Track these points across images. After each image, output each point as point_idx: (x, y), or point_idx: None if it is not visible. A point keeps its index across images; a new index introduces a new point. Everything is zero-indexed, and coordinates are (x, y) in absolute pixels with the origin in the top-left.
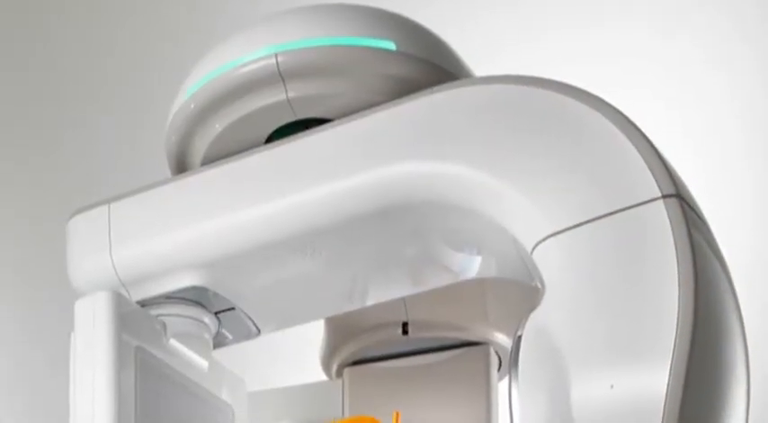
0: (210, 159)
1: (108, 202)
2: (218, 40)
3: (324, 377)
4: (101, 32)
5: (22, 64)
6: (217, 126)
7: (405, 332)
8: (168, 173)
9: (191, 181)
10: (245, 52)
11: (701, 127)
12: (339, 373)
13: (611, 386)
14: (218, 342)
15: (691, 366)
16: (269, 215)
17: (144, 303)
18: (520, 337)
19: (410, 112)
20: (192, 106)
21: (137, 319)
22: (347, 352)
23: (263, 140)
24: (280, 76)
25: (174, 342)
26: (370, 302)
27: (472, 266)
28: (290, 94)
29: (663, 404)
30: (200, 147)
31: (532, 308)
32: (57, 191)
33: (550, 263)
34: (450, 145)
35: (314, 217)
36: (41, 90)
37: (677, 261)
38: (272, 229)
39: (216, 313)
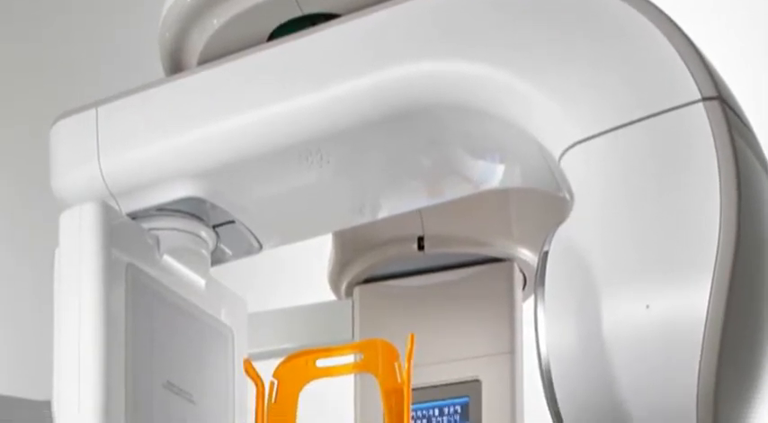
0: (208, 58)
1: (95, 105)
2: None
3: (332, 297)
4: None
5: None
6: (215, 22)
7: (420, 247)
8: (162, 73)
9: (186, 82)
10: None
11: (744, 22)
12: (349, 293)
13: (647, 306)
14: (217, 258)
15: (733, 284)
16: (271, 119)
17: (135, 216)
18: (546, 252)
19: (427, 7)
20: (188, 0)
21: (127, 232)
22: (358, 269)
23: (266, 38)
24: None
25: (168, 258)
26: (382, 215)
27: (494, 175)
28: None
29: (703, 325)
30: (196, 45)
31: (560, 221)
32: (40, 94)
33: (580, 171)
34: (471, 42)
35: (320, 121)
36: None
37: (719, 169)
38: (275, 134)
39: (214, 227)
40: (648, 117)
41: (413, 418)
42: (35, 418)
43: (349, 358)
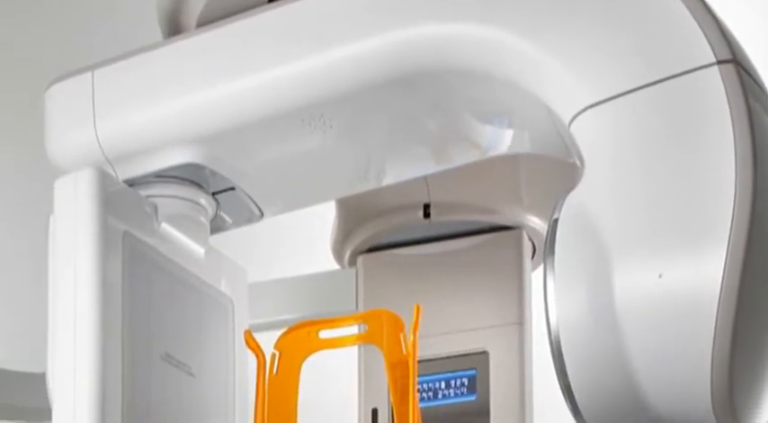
0: (207, 20)
1: (91, 68)
2: None
3: (335, 266)
4: None
5: None
6: None
7: (426, 215)
8: (160, 37)
9: (185, 44)
10: None
11: None
12: (352, 262)
13: (660, 275)
14: (217, 226)
15: (749, 252)
16: (272, 83)
17: (132, 183)
18: (556, 220)
19: None
20: None
21: (124, 199)
22: (362, 237)
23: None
24: None
25: (166, 226)
26: (387, 182)
27: (503, 141)
28: None
29: (718, 295)
30: (195, 6)
31: (570, 188)
32: (35, 57)
33: (590, 137)
34: (478, 4)
35: (323, 85)
36: None
37: (733, 134)
38: (277, 98)
39: (214, 194)
40: (661, 81)
41: (419, 390)
42: (30, 390)
43: (353, 329)
